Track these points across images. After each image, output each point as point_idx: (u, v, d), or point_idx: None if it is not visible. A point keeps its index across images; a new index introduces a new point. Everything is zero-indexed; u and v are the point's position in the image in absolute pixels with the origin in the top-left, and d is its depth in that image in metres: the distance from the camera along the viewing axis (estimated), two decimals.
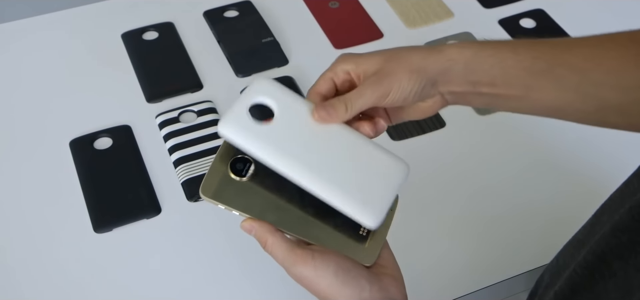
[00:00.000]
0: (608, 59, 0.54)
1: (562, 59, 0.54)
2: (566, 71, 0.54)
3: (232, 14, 0.99)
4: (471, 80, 0.55)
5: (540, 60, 0.54)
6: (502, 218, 0.76)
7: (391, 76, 0.54)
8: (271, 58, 0.92)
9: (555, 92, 0.55)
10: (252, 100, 0.54)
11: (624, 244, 0.47)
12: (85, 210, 0.74)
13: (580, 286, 0.50)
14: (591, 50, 0.55)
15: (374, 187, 0.53)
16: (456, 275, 0.71)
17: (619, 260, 0.47)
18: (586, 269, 0.50)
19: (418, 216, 0.75)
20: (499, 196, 0.78)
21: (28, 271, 0.69)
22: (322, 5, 1.02)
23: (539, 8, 1.02)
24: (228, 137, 0.52)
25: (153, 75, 0.90)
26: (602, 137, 0.83)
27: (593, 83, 0.54)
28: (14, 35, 0.95)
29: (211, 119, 0.83)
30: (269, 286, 0.69)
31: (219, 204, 0.54)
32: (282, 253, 0.51)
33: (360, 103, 0.53)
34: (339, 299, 0.51)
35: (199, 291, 0.68)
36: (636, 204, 0.48)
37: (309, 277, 0.51)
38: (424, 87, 0.55)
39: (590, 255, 0.50)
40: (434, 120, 0.86)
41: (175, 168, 0.78)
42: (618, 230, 0.48)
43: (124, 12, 0.99)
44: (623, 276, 0.46)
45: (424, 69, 0.54)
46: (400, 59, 0.55)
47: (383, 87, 0.53)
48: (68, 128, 0.82)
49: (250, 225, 0.53)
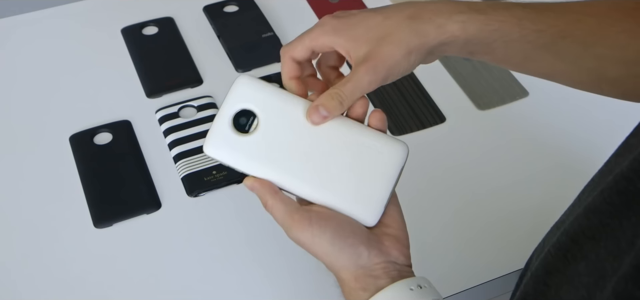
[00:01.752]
0: (613, 31, 0.52)
1: (567, 32, 0.52)
2: (569, 44, 0.52)
3: (232, 8, 0.99)
4: (470, 50, 0.53)
5: (544, 34, 0.52)
6: (502, 213, 0.76)
7: (387, 60, 0.50)
8: (271, 53, 0.92)
9: (553, 64, 0.54)
10: (234, 109, 0.52)
11: (595, 226, 0.47)
12: (85, 205, 0.74)
13: (554, 268, 0.50)
14: (598, 20, 0.52)
15: (370, 181, 0.51)
16: (455, 270, 0.71)
17: (591, 241, 0.47)
18: (559, 250, 0.50)
19: (417, 211, 0.75)
20: (499, 191, 0.78)
21: (28, 266, 0.69)
22: (322, 0, 1.01)
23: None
24: (214, 158, 0.52)
25: (153, 70, 0.90)
26: (604, 134, 0.83)
27: (594, 57, 0.52)
28: (13, 30, 0.95)
29: (211, 114, 0.83)
30: (270, 280, 0.69)
31: (222, 162, 0.52)
32: (281, 215, 0.50)
33: (356, 95, 0.51)
34: (336, 265, 0.50)
35: (199, 286, 0.69)
36: (607, 186, 0.47)
37: (307, 243, 0.50)
38: (421, 61, 0.52)
39: (563, 237, 0.50)
40: (434, 115, 0.86)
41: (175, 163, 0.78)
42: (590, 211, 0.48)
43: (124, 7, 0.98)
44: (594, 259, 0.46)
45: (423, 45, 0.51)
46: (395, 39, 0.51)
47: (379, 73, 0.50)
48: (68, 123, 0.82)
49: (252, 184, 0.51)
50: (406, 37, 0.51)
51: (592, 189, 0.51)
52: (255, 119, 0.52)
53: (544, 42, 0.52)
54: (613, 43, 0.52)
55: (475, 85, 0.90)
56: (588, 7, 0.54)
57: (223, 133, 0.52)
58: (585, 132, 0.84)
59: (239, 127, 0.52)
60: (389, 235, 0.51)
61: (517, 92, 0.89)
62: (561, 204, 0.77)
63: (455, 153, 0.82)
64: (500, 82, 0.90)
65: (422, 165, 0.79)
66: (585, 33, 0.52)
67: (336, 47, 0.52)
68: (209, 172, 0.77)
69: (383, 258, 0.50)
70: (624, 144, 0.51)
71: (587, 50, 0.52)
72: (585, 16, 0.53)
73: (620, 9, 0.53)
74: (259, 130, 0.52)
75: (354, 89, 0.51)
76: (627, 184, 0.45)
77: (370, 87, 0.51)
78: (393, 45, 0.50)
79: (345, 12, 0.54)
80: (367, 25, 0.52)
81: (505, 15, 0.52)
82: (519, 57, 0.54)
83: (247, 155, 0.51)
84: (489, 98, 0.88)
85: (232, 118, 0.52)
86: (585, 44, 0.52)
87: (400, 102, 0.87)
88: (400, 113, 0.85)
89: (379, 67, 0.50)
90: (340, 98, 0.51)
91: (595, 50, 0.52)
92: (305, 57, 0.53)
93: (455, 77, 0.91)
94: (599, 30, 0.52)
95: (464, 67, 0.92)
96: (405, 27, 0.51)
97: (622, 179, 0.46)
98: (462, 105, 0.88)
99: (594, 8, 0.53)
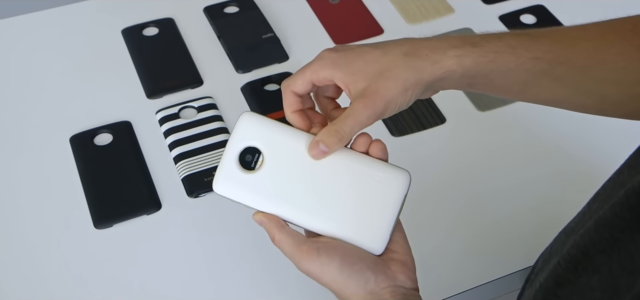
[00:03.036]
0: (611, 54, 0.53)
1: (564, 57, 0.53)
2: (568, 69, 0.53)
3: (233, 9, 0.99)
4: (468, 82, 0.54)
5: (541, 61, 0.53)
6: (503, 214, 0.76)
7: (384, 96, 0.51)
8: (271, 54, 0.92)
9: (555, 90, 0.54)
10: (239, 147, 0.54)
11: (606, 240, 0.47)
12: (86, 206, 0.74)
13: (564, 279, 0.50)
14: (594, 44, 0.53)
15: (375, 211, 0.53)
16: (456, 271, 0.71)
17: (602, 254, 0.47)
18: (570, 262, 0.50)
19: (418, 212, 0.75)
20: (500, 192, 0.78)
21: (29, 267, 0.69)
22: (322, 1, 1.01)
23: (539, 4, 1.02)
24: (224, 196, 0.54)
25: (153, 71, 0.90)
26: (606, 134, 0.83)
27: (595, 79, 0.53)
28: (14, 31, 0.95)
29: (211, 115, 0.83)
30: (270, 281, 0.69)
31: (230, 199, 0.54)
32: (289, 248, 0.52)
33: (355, 130, 0.52)
34: (345, 292, 0.51)
35: (199, 287, 0.69)
36: (619, 201, 0.47)
37: (316, 273, 0.51)
38: (419, 96, 0.54)
39: (574, 249, 0.50)
40: (435, 115, 0.86)
41: (175, 164, 0.78)
42: (601, 225, 0.48)
43: (124, 7, 0.98)
44: (607, 273, 0.46)
45: (419, 82, 0.52)
46: (392, 75, 0.52)
47: (377, 108, 0.52)
48: (68, 124, 0.82)
49: (260, 219, 0.53)
50: (403, 74, 0.52)
51: (602, 199, 0.51)
52: (260, 155, 0.54)
53: (542, 68, 0.53)
54: (612, 65, 0.53)
55: None
56: (582, 31, 0.55)
57: (230, 171, 0.54)
58: (586, 134, 0.84)
59: (245, 165, 0.54)
60: (395, 261, 0.53)
61: None
62: (562, 204, 0.77)
63: (455, 154, 0.82)
64: None
65: (422, 166, 0.79)
66: (583, 57, 0.53)
67: (336, 80, 0.53)
68: (210, 173, 0.77)
69: (390, 282, 0.51)
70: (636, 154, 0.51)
71: (587, 74, 0.53)
72: (581, 40, 0.54)
73: (615, 32, 0.54)
74: (264, 166, 0.54)
75: (354, 124, 0.52)
76: (638, 200, 0.46)
77: (368, 122, 0.52)
78: (390, 81, 0.52)
79: (343, 46, 0.55)
80: (365, 60, 0.53)
81: (499, 46, 0.53)
82: (519, 86, 0.54)
83: (254, 192, 0.54)
84: (489, 99, 0.88)
85: (238, 156, 0.54)
86: (584, 68, 0.53)
87: None
88: (401, 114, 0.85)
89: (377, 102, 0.52)
90: (339, 135, 0.52)
91: (594, 73, 0.53)
92: (306, 90, 0.55)
93: None
94: (596, 53, 0.53)
95: None
96: (402, 63, 0.52)
97: (633, 194, 0.46)
98: (462, 106, 0.88)
99: (588, 32, 0.54)
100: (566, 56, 0.53)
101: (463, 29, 0.97)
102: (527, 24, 0.99)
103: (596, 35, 0.54)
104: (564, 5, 1.02)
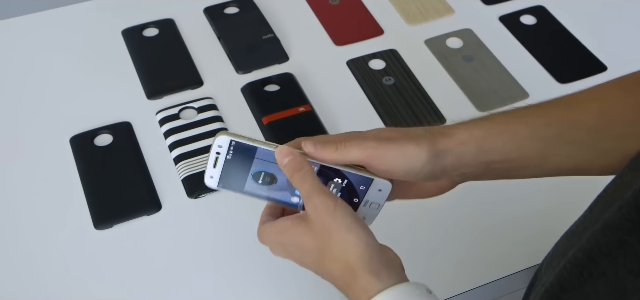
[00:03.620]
0: (623, 110, 0.53)
1: (577, 121, 0.54)
2: (580, 132, 0.53)
3: (233, 10, 0.99)
4: (484, 160, 0.54)
5: (551, 126, 0.53)
6: (502, 214, 0.76)
7: (384, 154, 0.54)
8: (271, 54, 0.92)
9: (573, 155, 0.54)
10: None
11: (613, 243, 0.47)
12: (86, 206, 0.74)
13: (570, 284, 0.50)
14: (602, 104, 0.54)
15: None
16: (456, 271, 0.71)
17: (608, 258, 0.47)
18: (575, 266, 0.50)
19: (416, 213, 0.75)
20: (499, 192, 0.78)
21: (29, 267, 0.69)
22: (322, 2, 1.02)
23: (540, 5, 1.02)
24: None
25: (153, 71, 0.90)
26: None
27: (611, 138, 0.53)
28: (14, 32, 0.95)
29: (211, 115, 0.83)
30: (271, 282, 0.69)
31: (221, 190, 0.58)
32: (311, 179, 0.53)
33: (330, 156, 0.54)
34: (351, 233, 0.51)
35: (199, 288, 0.69)
36: (626, 202, 0.47)
37: (329, 208, 0.52)
38: (432, 169, 0.54)
39: (579, 253, 0.50)
40: (434, 116, 0.86)
41: (175, 165, 0.78)
42: (607, 227, 0.48)
43: (124, 8, 0.99)
44: (613, 276, 0.46)
45: (430, 150, 0.53)
46: (399, 143, 0.54)
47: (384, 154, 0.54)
48: (68, 125, 0.82)
49: (289, 150, 0.54)
50: (412, 141, 0.54)
51: (605, 201, 0.51)
52: None
53: (555, 132, 0.53)
54: (624, 120, 0.53)
55: (475, 86, 0.90)
56: (588, 94, 0.55)
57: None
58: None
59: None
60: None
61: (517, 93, 0.89)
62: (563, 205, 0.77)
63: None
64: (500, 83, 0.90)
65: None
66: (595, 118, 0.53)
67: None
68: None
69: (384, 251, 0.53)
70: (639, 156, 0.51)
71: (602, 133, 0.53)
72: (589, 102, 0.54)
73: (621, 88, 0.55)
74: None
75: (352, 146, 0.55)
76: None
77: (364, 154, 0.55)
78: (396, 146, 0.54)
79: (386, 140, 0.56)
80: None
81: (508, 117, 0.54)
82: (537, 158, 0.54)
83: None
84: (488, 99, 0.88)
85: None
86: (597, 128, 0.53)
87: (400, 103, 0.87)
88: (400, 114, 0.85)
89: (374, 160, 0.55)
90: (336, 144, 0.55)
91: (610, 131, 0.53)
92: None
93: (455, 79, 0.91)
94: (607, 111, 0.54)
95: (464, 69, 0.92)
96: (419, 141, 0.55)
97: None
98: (462, 106, 0.88)
99: (594, 94, 0.55)
100: (578, 119, 0.54)
101: (464, 30, 0.98)
102: (527, 25, 0.99)
103: (603, 95, 0.55)
104: (564, 6, 1.02)
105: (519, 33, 0.98)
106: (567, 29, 0.98)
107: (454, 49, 0.95)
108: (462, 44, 0.96)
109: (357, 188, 0.56)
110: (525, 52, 0.95)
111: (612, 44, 0.96)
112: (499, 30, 0.98)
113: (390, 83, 0.89)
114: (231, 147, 0.56)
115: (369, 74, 0.90)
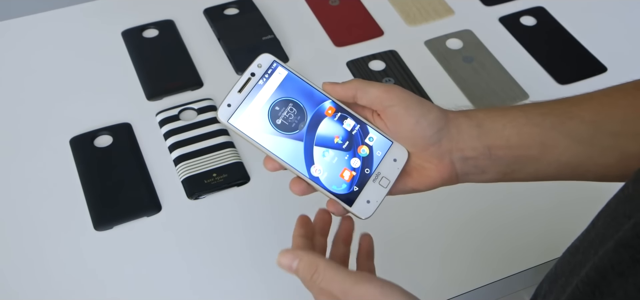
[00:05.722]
0: (620, 108, 0.54)
1: (572, 113, 0.55)
2: (578, 124, 0.54)
3: (232, 11, 0.99)
4: (485, 143, 0.55)
5: (550, 116, 0.55)
6: (503, 214, 0.76)
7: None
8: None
9: (572, 147, 0.55)
10: None
11: (625, 261, 0.47)
12: (86, 208, 0.74)
13: None
14: (599, 101, 0.55)
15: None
16: (457, 271, 0.71)
17: (619, 277, 0.46)
18: (588, 285, 0.49)
19: (417, 212, 0.75)
20: (500, 191, 0.78)
21: (28, 268, 0.69)
22: (322, 3, 1.02)
23: (540, 5, 1.02)
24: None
25: (153, 72, 0.90)
26: None
27: (608, 134, 0.54)
28: (14, 33, 0.95)
29: (211, 116, 0.83)
30: (270, 283, 0.69)
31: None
32: (341, 275, 0.50)
33: (339, 91, 0.57)
34: None
35: (198, 289, 0.69)
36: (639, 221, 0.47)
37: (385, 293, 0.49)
38: (440, 131, 0.55)
39: (592, 271, 0.49)
40: None
41: (175, 166, 0.78)
42: (621, 245, 0.48)
43: (124, 9, 0.99)
44: (622, 295, 0.46)
45: (434, 118, 0.55)
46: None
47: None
48: (68, 126, 0.82)
49: (294, 255, 0.51)
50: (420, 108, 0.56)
51: (607, 214, 0.51)
52: None
53: (552, 122, 0.54)
54: (622, 118, 0.54)
55: (475, 87, 0.90)
56: (587, 95, 0.56)
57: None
58: None
59: None
60: None
61: (517, 94, 0.89)
62: (563, 206, 0.77)
63: None
64: (500, 84, 0.90)
65: None
66: (592, 113, 0.54)
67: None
68: (210, 175, 0.77)
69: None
70: None
71: (600, 129, 0.54)
72: (586, 101, 0.56)
73: (619, 90, 0.55)
74: None
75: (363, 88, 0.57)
76: None
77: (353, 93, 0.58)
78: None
79: None
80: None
81: (507, 107, 0.56)
82: (536, 147, 0.55)
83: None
84: (488, 100, 0.88)
85: None
86: (595, 123, 0.54)
87: None
88: None
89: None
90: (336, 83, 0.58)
91: (607, 127, 0.54)
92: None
93: (455, 79, 0.91)
94: (604, 109, 0.54)
95: (464, 70, 0.92)
96: (420, 126, 0.56)
97: None
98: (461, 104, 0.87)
99: (592, 94, 0.56)
100: (574, 111, 0.55)
101: (464, 31, 0.98)
102: (527, 26, 0.99)
103: (599, 96, 0.56)
104: (564, 7, 1.02)
105: (518, 34, 0.98)
106: (567, 30, 0.98)
107: (454, 49, 0.95)
108: (462, 45, 0.96)
109: (374, 153, 0.55)
110: (525, 53, 0.95)
111: (612, 45, 0.96)
112: (498, 31, 0.98)
113: (390, 84, 0.89)
114: (269, 71, 0.51)
115: (369, 75, 0.90)
